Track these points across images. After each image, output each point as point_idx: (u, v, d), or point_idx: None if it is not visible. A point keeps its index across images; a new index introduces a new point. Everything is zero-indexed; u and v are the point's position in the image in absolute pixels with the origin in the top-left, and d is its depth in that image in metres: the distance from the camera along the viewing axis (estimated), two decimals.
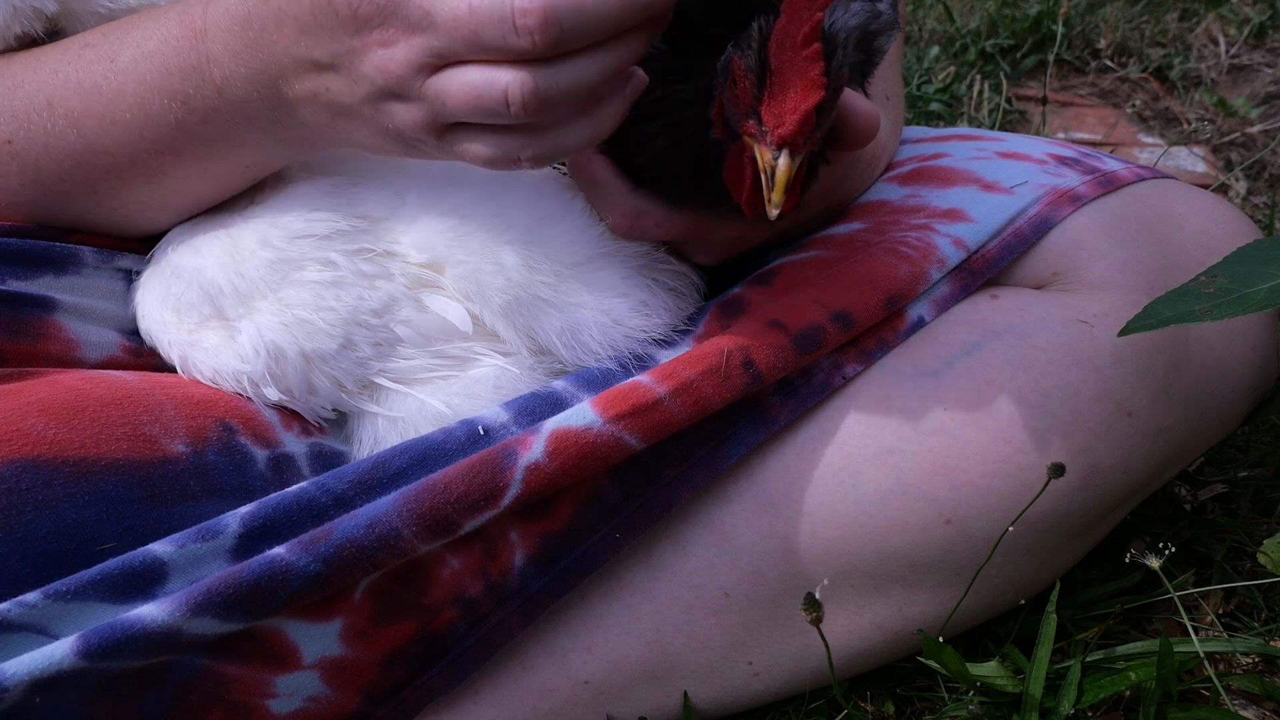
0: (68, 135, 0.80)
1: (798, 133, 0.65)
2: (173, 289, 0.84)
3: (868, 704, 0.94)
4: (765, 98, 0.66)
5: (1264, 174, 1.74)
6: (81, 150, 0.81)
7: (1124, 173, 0.97)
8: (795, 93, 0.65)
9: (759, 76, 0.66)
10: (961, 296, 0.89)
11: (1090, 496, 0.87)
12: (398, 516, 0.76)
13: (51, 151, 0.81)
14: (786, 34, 0.65)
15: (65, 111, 0.80)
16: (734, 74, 0.68)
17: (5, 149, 0.82)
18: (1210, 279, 0.78)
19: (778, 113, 0.66)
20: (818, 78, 0.64)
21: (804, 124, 0.65)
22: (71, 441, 0.74)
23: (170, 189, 0.84)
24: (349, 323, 0.82)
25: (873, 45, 0.84)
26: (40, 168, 0.82)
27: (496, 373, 0.85)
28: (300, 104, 0.75)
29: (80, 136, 0.80)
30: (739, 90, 0.68)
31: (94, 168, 0.82)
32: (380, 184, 0.86)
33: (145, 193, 0.84)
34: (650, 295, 0.87)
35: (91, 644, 0.70)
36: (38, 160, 0.82)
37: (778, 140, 0.66)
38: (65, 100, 0.80)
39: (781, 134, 0.65)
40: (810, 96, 0.64)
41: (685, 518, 0.87)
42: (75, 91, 0.80)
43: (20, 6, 0.82)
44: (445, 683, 0.83)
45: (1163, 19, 2.13)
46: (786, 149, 0.66)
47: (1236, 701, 0.90)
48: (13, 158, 0.82)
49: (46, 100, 0.81)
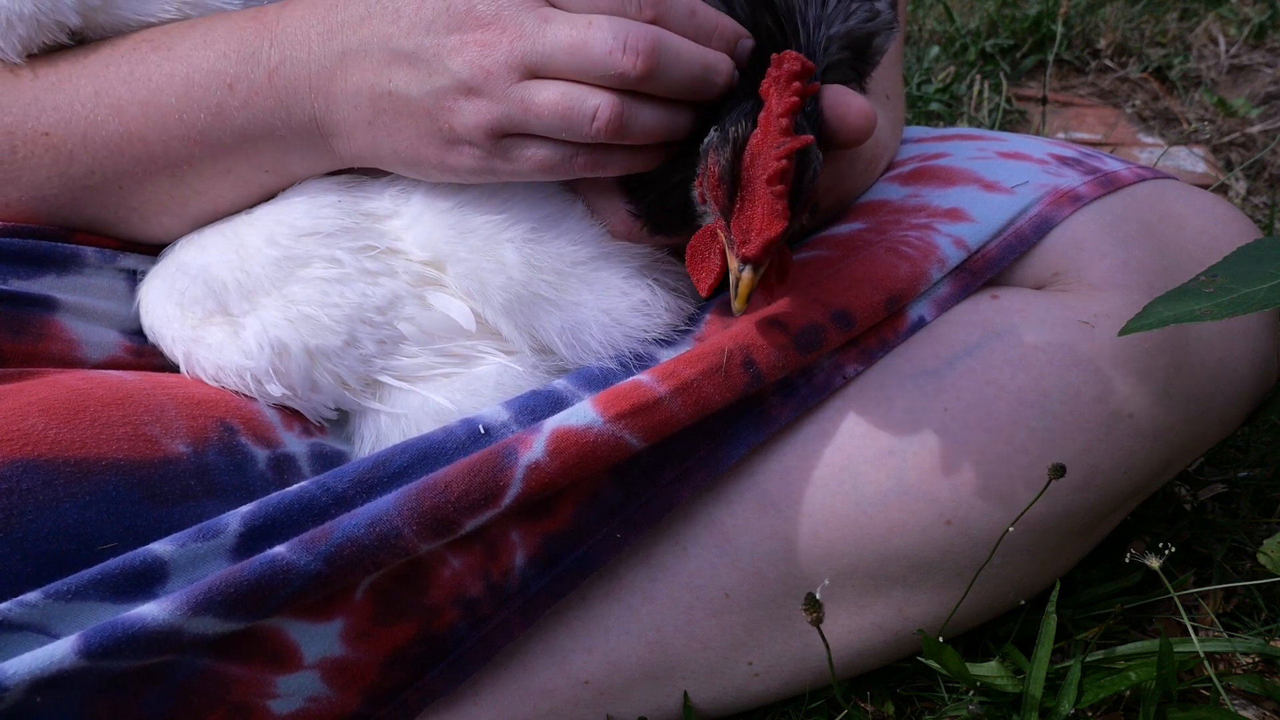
0: (108, 124, 0.82)
1: (761, 255, 0.69)
2: (177, 284, 0.84)
3: (868, 704, 0.94)
4: (735, 209, 0.70)
5: (1264, 174, 1.74)
6: (119, 139, 0.83)
7: (1125, 173, 0.97)
8: (761, 217, 0.68)
9: (731, 184, 0.70)
10: (962, 296, 0.89)
11: (1090, 497, 0.87)
12: (399, 515, 0.76)
13: (88, 141, 0.83)
14: (759, 151, 0.68)
15: (111, 100, 0.82)
16: (709, 172, 0.71)
17: (42, 141, 0.83)
18: (1210, 279, 0.78)
19: (744, 229, 0.69)
20: (783, 210, 0.67)
21: (766, 249, 0.68)
22: (72, 441, 0.74)
23: (190, 188, 0.85)
24: (353, 319, 0.82)
25: (869, 45, 0.85)
26: (73, 158, 0.83)
27: (499, 370, 0.85)
28: (347, 97, 0.78)
29: (120, 124, 0.82)
30: (712, 193, 0.71)
31: (126, 158, 0.83)
32: (385, 182, 0.86)
33: (166, 190, 0.85)
34: (651, 295, 0.87)
35: (92, 643, 0.70)
36: (72, 151, 0.83)
37: (741, 257, 0.69)
38: (113, 89, 0.82)
39: (745, 253, 0.69)
40: (774, 226, 0.68)
41: (686, 518, 0.87)
42: (125, 81, 0.82)
43: (45, 21, 0.84)
44: (446, 683, 0.83)
45: (1163, 19, 2.13)
46: (750, 264, 0.69)
47: (1236, 701, 0.90)
48: (48, 149, 0.83)
49: (94, 90, 0.83)
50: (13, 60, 0.84)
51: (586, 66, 0.73)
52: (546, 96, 0.73)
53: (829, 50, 0.79)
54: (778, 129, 0.67)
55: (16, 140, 0.83)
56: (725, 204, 0.70)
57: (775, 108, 0.67)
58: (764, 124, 0.68)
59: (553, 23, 0.73)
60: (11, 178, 0.84)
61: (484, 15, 0.74)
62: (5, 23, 0.82)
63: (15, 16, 0.82)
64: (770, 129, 0.68)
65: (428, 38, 0.75)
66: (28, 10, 0.82)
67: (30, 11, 0.82)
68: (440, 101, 0.76)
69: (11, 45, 0.83)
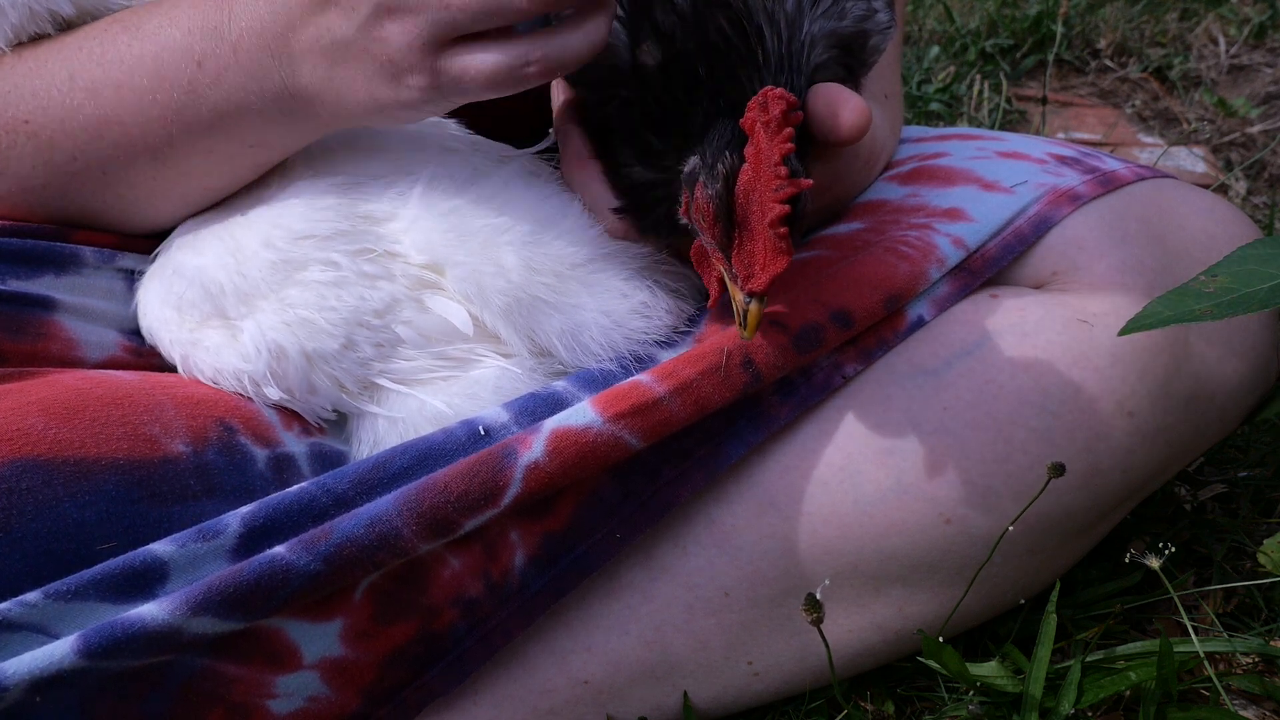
0: (85, 107, 0.82)
1: (768, 288, 0.69)
2: (174, 287, 0.84)
3: (868, 704, 0.94)
4: (735, 246, 0.70)
5: (1264, 174, 1.74)
6: (97, 122, 0.82)
7: (1124, 172, 0.97)
8: (764, 253, 0.69)
9: (727, 222, 0.70)
10: (961, 296, 0.89)
11: (1090, 496, 0.87)
12: (398, 516, 0.76)
13: (67, 127, 0.82)
14: (753, 190, 0.68)
15: (85, 83, 0.82)
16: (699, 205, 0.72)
17: (23, 129, 0.83)
18: (1210, 279, 0.78)
19: (747, 264, 0.70)
20: (786, 248, 0.68)
21: (773, 283, 0.69)
22: (72, 441, 0.74)
23: (175, 169, 0.84)
24: (351, 323, 0.82)
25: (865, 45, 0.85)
26: (55, 145, 0.83)
27: (497, 373, 0.85)
28: (304, 57, 0.77)
29: (97, 107, 0.82)
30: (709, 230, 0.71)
31: (105, 142, 0.83)
32: (383, 184, 0.86)
33: (151, 174, 0.84)
34: (651, 297, 0.87)
35: (92, 643, 0.70)
36: (53, 137, 0.83)
37: (748, 291, 0.70)
38: (87, 71, 0.82)
39: (752, 288, 0.70)
40: (779, 263, 0.68)
41: (685, 518, 0.87)
42: (98, 63, 0.82)
43: (37, 10, 0.83)
44: (445, 683, 0.83)
45: (1163, 19, 2.13)
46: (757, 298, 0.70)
47: (1236, 701, 0.90)
48: (29, 137, 0.83)
49: (69, 74, 0.82)
50: (1, 49, 0.84)
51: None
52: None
53: (814, 50, 0.79)
54: (774, 175, 0.67)
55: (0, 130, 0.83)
56: (723, 240, 0.70)
57: (768, 153, 0.67)
58: (755, 164, 0.69)
59: None
60: None
61: None
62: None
63: (8, 4, 0.82)
64: (764, 172, 0.68)
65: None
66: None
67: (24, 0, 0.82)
68: (370, 33, 0.74)
69: (3, 34, 0.83)
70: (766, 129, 0.68)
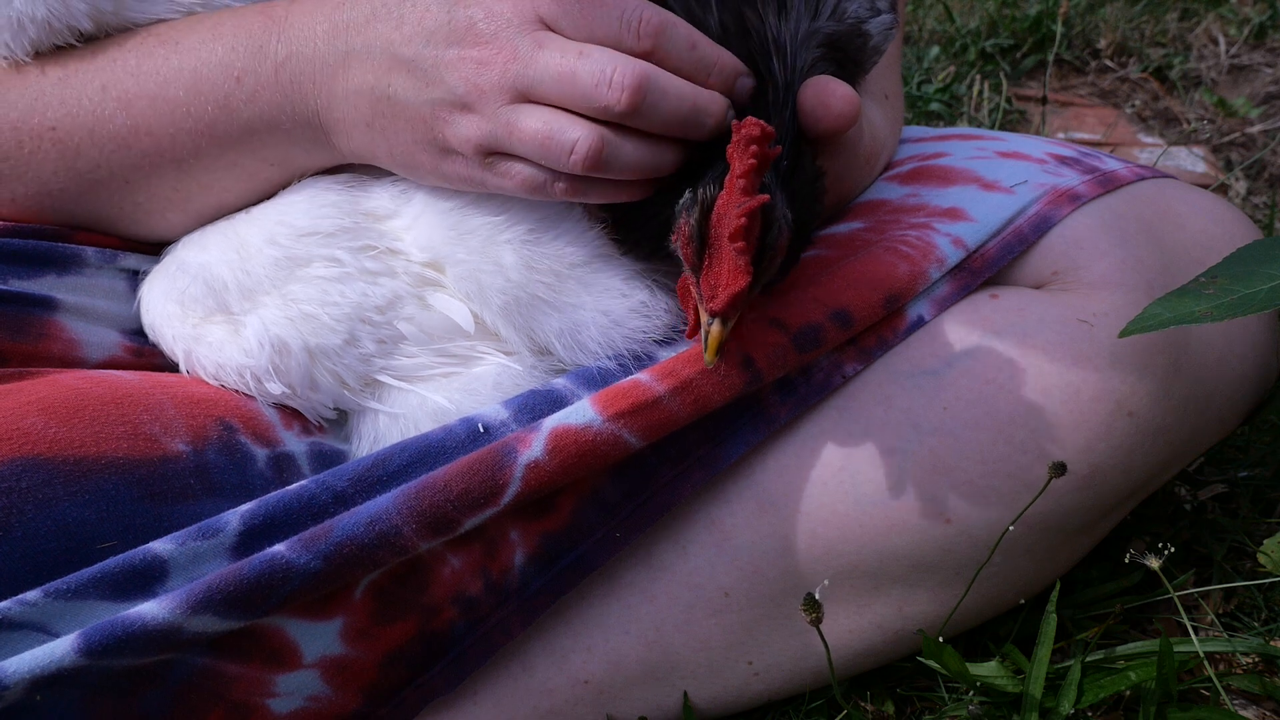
0: (116, 118, 0.83)
1: (728, 309, 0.71)
2: (178, 283, 0.84)
3: (868, 704, 0.94)
4: (704, 267, 0.72)
5: (1264, 174, 1.74)
6: (126, 133, 0.83)
7: (1124, 172, 0.97)
8: (726, 273, 0.71)
9: (700, 244, 0.72)
10: (961, 296, 0.89)
11: (1090, 496, 0.87)
12: (398, 514, 0.76)
13: (95, 136, 0.83)
14: (724, 212, 0.71)
15: (119, 93, 0.83)
16: (680, 231, 0.74)
17: (48, 135, 0.84)
18: (1210, 279, 0.78)
19: (712, 284, 0.71)
20: (745, 265, 0.70)
21: (732, 303, 0.71)
22: (72, 440, 0.74)
23: (196, 181, 0.85)
24: (353, 319, 0.82)
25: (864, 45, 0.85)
26: (80, 153, 0.84)
27: (497, 371, 0.85)
28: (348, 96, 0.79)
29: (128, 118, 0.83)
30: (683, 251, 0.73)
31: (133, 152, 0.84)
32: (385, 182, 0.86)
33: (172, 185, 0.85)
34: (650, 296, 0.87)
35: (92, 642, 0.70)
36: (79, 146, 0.84)
37: (709, 311, 0.72)
38: (120, 83, 0.83)
39: (713, 308, 0.71)
40: (738, 281, 0.70)
41: (685, 517, 0.87)
42: (133, 75, 0.83)
43: (57, 26, 0.84)
44: (445, 682, 0.83)
45: (1163, 19, 2.13)
46: (718, 318, 0.72)
47: (1236, 701, 0.90)
48: (54, 144, 0.84)
49: (101, 85, 0.83)
50: (20, 59, 0.84)
51: (572, 97, 0.73)
52: (530, 124, 0.74)
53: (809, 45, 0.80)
54: (739, 189, 0.69)
55: (23, 135, 0.84)
56: (695, 262, 0.72)
57: (736, 169, 0.69)
58: (728, 185, 0.70)
59: (546, 48, 0.74)
60: (18, 173, 0.85)
61: (483, 33, 0.75)
62: (16, 24, 0.82)
63: (28, 19, 0.82)
64: (732, 190, 0.70)
65: (428, 48, 0.76)
66: (40, 14, 0.82)
67: (43, 16, 0.82)
68: (435, 112, 0.77)
69: (21, 46, 0.84)
70: (737, 149, 0.69)
